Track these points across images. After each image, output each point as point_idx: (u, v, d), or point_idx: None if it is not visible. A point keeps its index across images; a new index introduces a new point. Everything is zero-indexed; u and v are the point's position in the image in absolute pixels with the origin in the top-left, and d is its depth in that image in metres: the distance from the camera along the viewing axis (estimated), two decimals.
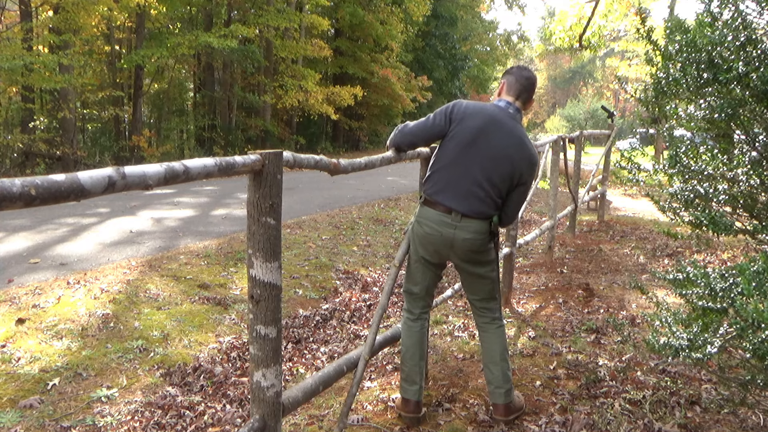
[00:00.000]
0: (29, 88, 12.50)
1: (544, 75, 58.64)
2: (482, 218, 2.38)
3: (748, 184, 2.27)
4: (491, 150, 2.35)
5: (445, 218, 2.37)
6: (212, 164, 1.58)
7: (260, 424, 1.88)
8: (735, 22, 1.99)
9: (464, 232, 2.37)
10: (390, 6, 20.44)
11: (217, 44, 13.80)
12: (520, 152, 2.38)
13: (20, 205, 1.08)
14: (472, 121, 2.36)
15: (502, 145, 2.35)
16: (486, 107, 2.42)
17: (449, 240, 2.38)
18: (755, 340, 1.67)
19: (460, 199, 2.36)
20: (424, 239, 2.43)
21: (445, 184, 2.38)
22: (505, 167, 2.36)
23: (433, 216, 2.39)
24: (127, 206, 7.57)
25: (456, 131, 2.37)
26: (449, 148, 2.38)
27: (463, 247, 2.39)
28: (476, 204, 2.37)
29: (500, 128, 2.36)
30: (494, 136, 2.35)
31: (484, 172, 2.36)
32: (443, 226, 2.37)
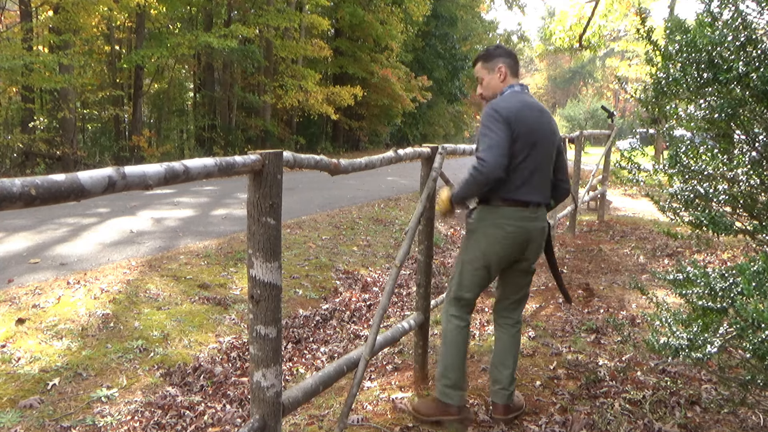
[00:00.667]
0: (29, 88, 12.50)
1: (544, 75, 58.66)
2: (547, 204, 2.49)
3: (748, 184, 2.27)
4: (545, 135, 2.40)
5: (524, 213, 2.39)
6: (212, 164, 1.58)
7: (260, 424, 1.88)
8: (735, 22, 1.99)
9: (541, 221, 2.44)
10: (390, 6, 20.44)
11: (217, 44, 13.80)
12: (554, 123, 2.51)
13: (20, 205, 1.08)
14: (524, 117, 2.34)
15: (546, 126, 2.42)
16: (521, 99, 2.42)
17: (529, 234, 2.41)
18: (755, 340, 1.67)
19: (534, 191, 2.40)
20: (505, 240, 2.39)
21: (522, 181, 2.37)
22: (553, 142, 2.46)
23: (513, 213, 2.37)
24: (127, 206, 7.57)
25: (518, 132, 2.32)
26: (516, 149, 2.33)
27: (539, 238, 2.45)
28: (545, 190, 2.46)
29: (539, 111, 2.42)
30: (540, 122, 2.39)
31: (546, 158, 2.43)
32: (525, 221, 2.38)
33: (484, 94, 2.54)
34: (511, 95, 2.43)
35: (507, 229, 2.38)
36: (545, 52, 24.38)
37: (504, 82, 2.49)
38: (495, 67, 2.49)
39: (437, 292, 4.28)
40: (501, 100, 2.39)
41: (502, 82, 2.49)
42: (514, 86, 2.47)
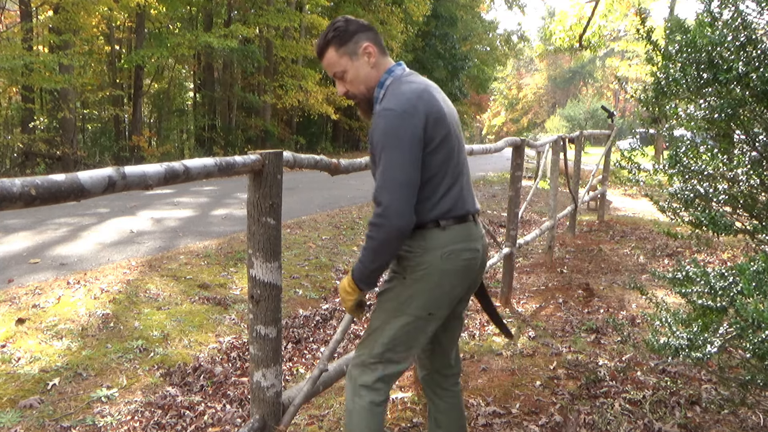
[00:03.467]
0: (29, 88, 12.50)
1: (544, 75, 58.66)
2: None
3: (748, 184, 2.27)
4: (455, 120, 1.78)
5: (472, 230, 1.74)
6: (212, 164, 1.58)
7: (260, 424, 1.88)
8: (735, 22, 1.99)
9: (484, 237, 1.83)
10: (390, 6, 20.44)
11: (217, 44, 13.81)
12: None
13: (20, 205, 1.08)
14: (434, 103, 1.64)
15: (452, 107, 1.80)
16: (418, 80, 1.71)
17: (483, 258, 1.80)
18: (755, 340, 1.67)
19: (469, 196, 1.78)
20: (461, 273, 1.71)
21: (459, 188, 1.74)
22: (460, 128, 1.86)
23: (462, 233, 1.70)
24: (127, 206, 7.57)
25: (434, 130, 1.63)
26: (438, 152, 1.66)
27: (485, 260, 1.83)
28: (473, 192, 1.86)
29: (439, 90, 1.77)
30: (446, 102, 1.76)
31: (464, 149, 1.81)
32: (477, 240, 1.75)
33: (354, 91, 1.74)
34: (403, 79, 1.69)
35: (463, 257, 1.69)
36: (545, 52, 24.40)
37: (376, 66, 1.72)
38: (358, 48, 1.70)
39: None
40: (396, 92, 1.63)
41: (374, 67, 1.72)
42: (393, 69, 1.73)
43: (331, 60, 1.72)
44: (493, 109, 55.64)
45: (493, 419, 2.61)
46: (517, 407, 2.72)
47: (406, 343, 1.73)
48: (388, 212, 1.54)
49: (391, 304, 1.73)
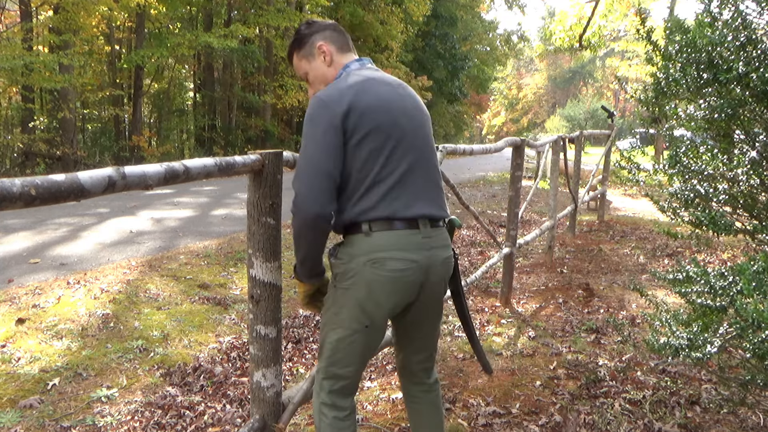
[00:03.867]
0: (29, 88, 12.51)
1: (544, 75, 58.67)
2: (445, 218, 1.72)
3: (748, 184, 2.27)
4: (414, 117, 1.67)
5: (414, 237, 1.59)
6: (212, 164, 1.58)
7: (260, 424, 1.88)
8: (735, 22, 1.99)
9: (442, 249, 1.66)
10: (390, 6, 20.44)
11: (217, 44, 13.81)
12: (420, 101, 1.76)
13: (20, 205, 1.08)
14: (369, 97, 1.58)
15: (410, 103, 1.69)
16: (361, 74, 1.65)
17: (425, 271, 1.62)
18: (755, 340, 1.67)
19: (419, 200, 1.63)
20: (390, 285, 1.58)
21: (399, 190, 1.60)
22: (429, 127, 1.75)
23: (396, 241, 1.57)
24: (127, 206, 7.57)
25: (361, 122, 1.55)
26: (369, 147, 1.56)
27: (441, 274, 1.67)
28: (437, 198, 1.69)
29: (394, 86, 1.69)
30: (400, 98, 1.66)
31: (426, 150, 1.69)
32: (417, 250, 1.59)
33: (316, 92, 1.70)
34: (353, 72, 1.67)
35: (389, 266, 1.56)
36: (545, 52, 24.40)
37: (332, 64, 1.73)
38: (313, 49, 1.73)
39: None
40: (334, 84, 1.63)
41: (330, 65, 1.73)
42: (349, 65, 1.72)
43: (296, 65, 1.80)
44: (493, 109, 55.65)
45: (493, 419, 2.61)
46: (517, 407, 2.72)
47: (348, 357, 1.66)
48: (297, 200, 1.52)
49: (327, 315, 1.68)
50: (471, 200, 9.88)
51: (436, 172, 1.72)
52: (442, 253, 1.67)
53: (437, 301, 1.75)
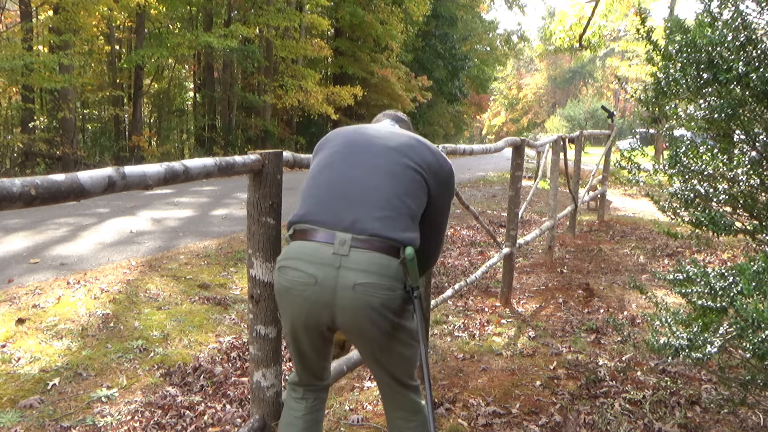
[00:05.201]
0: (29, 88, 12.50)
1: (544, 75, 58.65)
2: (387, 248, 1.52)
3: (748, 184, 2.27)
4: (379, 148, 1.66)
5: (318, 250, 1.51)
6: (212, 164, 1.58)
7: (260, 424, 1.88)
8: (735, 22, 1.99)
9: (351, 272, 1.48)
10: (390, 6, 20.43)
11: (217, 44, 13.80)
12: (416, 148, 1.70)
13: (20, 205, 1.08)
14: (343, 133, 1.76)
15: (387, 140, 1.69)
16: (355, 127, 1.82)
17: (322, 293, 1.50)
18: (755, 340, 1.67)
19: (334, 209, 1.56)
20: (284, 297, 1.58)
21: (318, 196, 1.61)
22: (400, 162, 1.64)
23: (295, 251, 1.55)
24: (126, 206, 7.57)
25: (324, 148, 1.75)
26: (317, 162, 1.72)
27: (353, 303, 1.49)
28: (373, 211, 1.54)
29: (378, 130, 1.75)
30: (375, 136, 1.71)
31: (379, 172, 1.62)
32: (313, 265, 1.51)
33: None
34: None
35: (286, 275, 1.54)
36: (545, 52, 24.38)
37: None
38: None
39: (437, 292, 4.28)
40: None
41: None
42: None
43: None
44: (493, 109, 55.61)
45: (493, 419, 2.61)
46: (517, 407, 2.72)
47: (292, 355, 1.75)
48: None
49: None
50: (471, 200, 9.88)
51: (395, 194, 1.57)
52: (356, 277, 1.47)
53: (365, 339, 1.57)
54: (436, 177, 1.68)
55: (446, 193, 1.75)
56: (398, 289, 1.52)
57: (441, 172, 1.70)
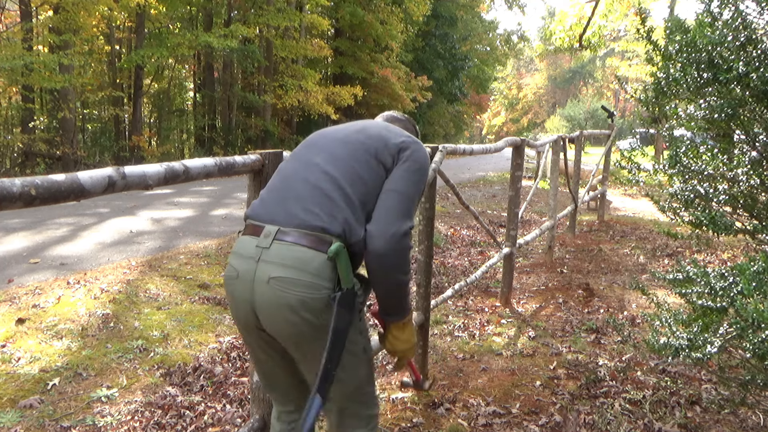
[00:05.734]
0: (29, 88, 12.50)
1: (544, 75, 58.65)
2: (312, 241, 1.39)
3: (748, 184, 2.27)
4: (338, 136, 1.60)
5: (249, 243, 1.45)
6: (212, 164, 1.58)
7: (260, 424, 1.88)
8: (735, 22, 1.99)
9: (271, 264, 1.39)
10: (390, 6, 20.42)
11: (217, 44, 13.80)
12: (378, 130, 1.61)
13: (20, 205, 1.08)
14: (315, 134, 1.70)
15: (347, 130, 1.63)
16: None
17: (246, 287, 1.42)
18: (755, 340, 1.67)
19: (279, 205, 1.48)
20: (227, 289, 1.51)
21: (267, 190, 1.56)
22: (359, 146, 1.55)
23: (239, 245, 1.49)
24: (126, 206, 7.57)
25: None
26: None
27: (268, 299, 1.39)
28: (313, 206, 1.43)
29: (349, 125, 1.69)
30: (340, 129, 1.66)
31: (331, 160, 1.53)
32: (245, 258, 1.44)
33: None
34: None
35: (227, 270, 1.50)
36: (545, 52, 24.37)
37: None
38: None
39: (437, 292, 4.28)
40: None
41: None
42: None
43: None
44: (493, 109, 55.61)
45: (493, 419, 2.61)
46: (517, 407, 2.72)
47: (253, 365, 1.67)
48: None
49: None
50: (471, 200, 9.88)
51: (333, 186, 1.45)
52: (271, 271, 1.37)
53: (288, 343, 1.45)
54: (394, 156, 1.54)
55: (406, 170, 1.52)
56: (323, 289, 1.37)
57: (402, 152, 1.55)
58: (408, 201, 1.48)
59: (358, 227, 1.42)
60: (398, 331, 1.58)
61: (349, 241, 1.40)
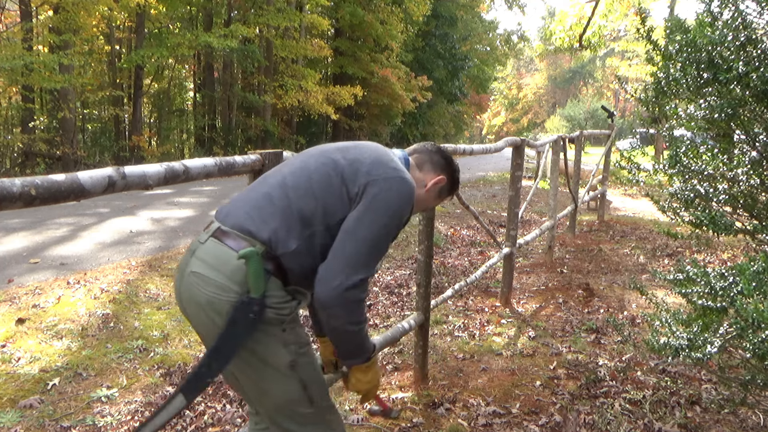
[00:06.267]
0: (29, 88, 12.50)
1: (544, 75, 58.64)
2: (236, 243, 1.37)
3: (748, 184, 2.27)
4: (307, 156, 1.55)
5: (195, 245, 1.44)
6: (212, 164, 1.58)
7: None
8: (735, 22, 1.99)
9: (195, 261, 1.40)
10: (390, 6, 20.42)
11: (217, 44, 13.80)
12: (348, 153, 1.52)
13: (20, 205, 1.08)
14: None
15: (321, 149, 1.57)
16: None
17: (178, 283, 1.45)
18: (755, 340, 1.67)
19: (231, 208, 1.46)
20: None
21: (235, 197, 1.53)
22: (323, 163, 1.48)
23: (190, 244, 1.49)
24: (126, 206, 7.57)
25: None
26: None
27: (184, 291, 1.41)
28: (255, 213, 1.41)
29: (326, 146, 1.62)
30: (316, 149, 1.60)
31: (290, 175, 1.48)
32: (186, 262, 1.44)
33: None
34: None
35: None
36: (545, 52, 24.38)
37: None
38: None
39: (437, 292, 4.28)
40: None
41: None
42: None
43: None
44: (493, 109, 55.61)
45: (493, 419, 2.61)
46: (517, 407, 2.72)
47: None
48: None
49: None
50: (471, 200, 9.88)
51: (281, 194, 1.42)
52: (193, 265, 1.39)
53: (199, 334, 1.46)
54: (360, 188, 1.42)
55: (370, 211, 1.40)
56: (232, 293, 1.33)
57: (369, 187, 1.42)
58: (366, 249, 1.38)
59: (289, 239, 1.36)
60: (361, 374, 1.55)
61: (275, 251, 1.36)
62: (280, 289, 1.38)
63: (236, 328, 1.32)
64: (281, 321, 1.38)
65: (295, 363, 1.42)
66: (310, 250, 1.39)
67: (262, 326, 1.35)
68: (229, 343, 1.33)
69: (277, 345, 1.40)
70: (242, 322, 1.32)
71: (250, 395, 1.50)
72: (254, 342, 1.36)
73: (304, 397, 1.45)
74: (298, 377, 1.43)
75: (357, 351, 1.50)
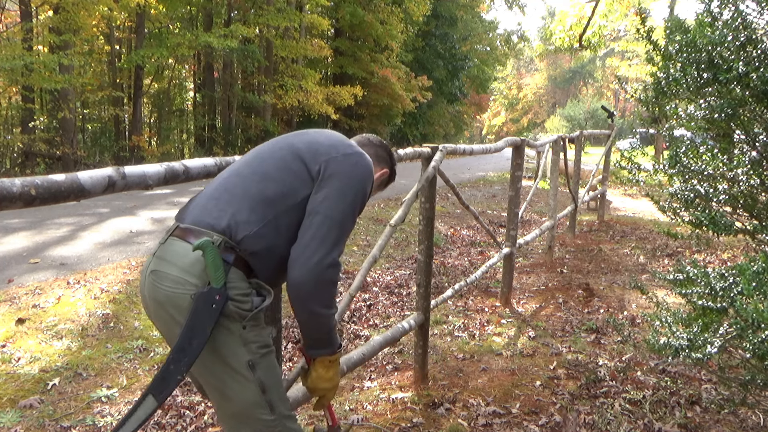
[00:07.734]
0: (29, 88, 12.50)
1: (544, 75, 58.64)
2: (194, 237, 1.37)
3: (748, 184, 2.27)
4: (272, 145, 1.56)
5: (161, 244, 1.45)
6: (212, 164, 1.58)
7: None
8: (735, 22, 1.99)
9: (156, 260, 1.41)
10: (390, 6, 20.43)
11: (217, 44, 13.80)
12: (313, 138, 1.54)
13: (20, 204, 1.09)
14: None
15: (286, 139, 1.57)
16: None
17: (143, 284, 1.44)
18: (755, 340, 1.67)
19: (199, 206, 1.45)
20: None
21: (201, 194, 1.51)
22: (289, 152, 1.49)
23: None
24: (126, 206, 7.57)
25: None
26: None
27: (147, 290, 1.41)
28: (223, 208, 1.40)
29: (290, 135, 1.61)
30: (281, 138, 1.60)
31: (256, 166, 1.49)
32: (152, 261, 1.44)
33: None
34: None
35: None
36: (545, 52, 24.40)
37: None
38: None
39: (437, 292, 4.28)
40: None
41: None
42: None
43: None
44: (493, 109, 55.60)
45: (493, 419, 2.61)
46: (517, 407, 2.72)
47: None
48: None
49: None
50: (471, 200, 9.88)
51: (238, 183, 1.44)
52: (153, 264, 1.39)
53: (164, 330, 1.41)
54: (321, 166, 1.44)
55: (334, 189, 1.41)
56: (190, 285, 1.31)
57: (330, 164, 1.44)
58: (336, 226, 1.39)
59: (250, 220, 1.35)
60: (323, 369, 1.51)
61: (236, 237, 1.34)
62: (242, 281, 1.35)
63: (198, 319, 1.28)
64: (242, 317, 1.35)
65: (253, 363, 1.38)
66: (276, 231, 1.38)
67: (223, 321, 1.32)
68: (193, 338, 1.29)
69: (237, 343, 1.36)
70: (204, 314, 1.29)
71: (214, 403, 1.45)
72: (213, 340, 1.33)
73: (263, 402, 1.39)
74: (257, 379, 1.38)
75: (326, 339, 1.48)
